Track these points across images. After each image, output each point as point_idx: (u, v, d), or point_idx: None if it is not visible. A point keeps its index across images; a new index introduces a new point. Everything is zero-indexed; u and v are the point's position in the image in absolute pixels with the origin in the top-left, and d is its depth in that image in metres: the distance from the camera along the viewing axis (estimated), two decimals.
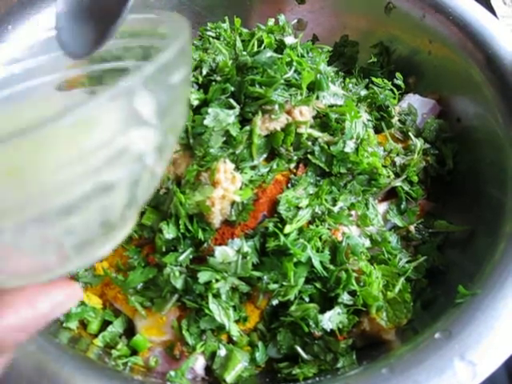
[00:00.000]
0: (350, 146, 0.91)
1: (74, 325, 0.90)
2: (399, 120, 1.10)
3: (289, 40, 1.07)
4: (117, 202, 0.41)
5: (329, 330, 0.84)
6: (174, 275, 0.85)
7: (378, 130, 1.08)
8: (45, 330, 0.83)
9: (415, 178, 1.01)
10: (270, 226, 0.86)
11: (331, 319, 0.84)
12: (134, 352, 0.89)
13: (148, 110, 0.38)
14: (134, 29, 0.57)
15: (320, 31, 1.37)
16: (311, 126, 0.93)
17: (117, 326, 0.91)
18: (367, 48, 1.31)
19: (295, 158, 0.92)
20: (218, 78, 0.93)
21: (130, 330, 0.92)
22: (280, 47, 1.06)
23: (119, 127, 0.37)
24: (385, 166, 1.00)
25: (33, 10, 1.15)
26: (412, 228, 1.00)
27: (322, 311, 0.85)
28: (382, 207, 1.01)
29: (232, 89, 0.91)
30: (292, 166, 0.93)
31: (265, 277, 0.85)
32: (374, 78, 1.15)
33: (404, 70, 1.20)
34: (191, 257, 0.87)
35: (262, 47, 1.05)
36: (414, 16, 1.19)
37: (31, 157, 0.33)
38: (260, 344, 0.88)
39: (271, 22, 1.18)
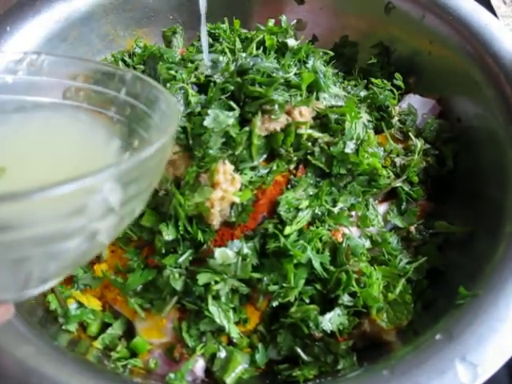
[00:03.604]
0: (350, 147, 0.91)
1: (73, 327, 0.90)
2: (399, 120, 1.09)
3: (291, 42, 1.06)
4: (59, 264, 0.45)
5: (329, 332, 0.84)
6: (174, 277, 0.85)
7: (377, 131, 1.07)
8: (44, 333, 0.83)
9: (415, 179, 1.01)
10: (270, 227, 0.86)
11: (331, 320, 0.84)
12: (134, 354, 0.88)
13: (115, 200, 0.42)
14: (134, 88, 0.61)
15: (319, 31, 1.37)
16: (311, 127, 0.92)
17: (116, 328, 0.91)
18: (367, 48, 1.30)
19: (295, 158, 0.92)
20: (218, 80, 0.93)
21: (129, 332, 0.92)
22: (281, 49, 1.06)
23: (84, 207, 0.40)
24: (385, 167, 1.00)
25: (32, 12, 1.15)
26: (412, 229, 0.99)
27: (323, 312, 0.85)
28: (382, 208, 1.00)
29: (231, 88, 0.91)
30: (292, 166, 0.93)
31: (265, 278, 0.85)
32: (373, 79, 1.15)
33: (404, 71, 1.19)
34: (191, 258, 0.87)
35: (261, 50, 1.05)
36: (413, 16, 1.19)
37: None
38: (260, 346, 0.88)
39: (271, 22, 1.18)
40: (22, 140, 0.57)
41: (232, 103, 0.90)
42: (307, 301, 0.86)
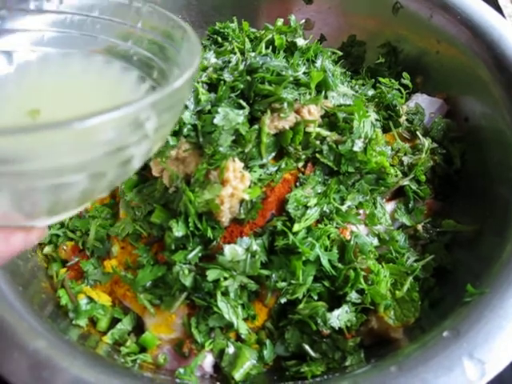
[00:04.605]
0: (358, 145, 0.91)
1: (83, 322, 0.91)
2: (407, 119, 1.10)
3: (300, 42, 1.07)
4: (97, 188, 0.50)
5: (337, 329, 0.85)
6: (183, 273, 0.85)
7: (385, 130, 1.08)
8: (55, 327, 0.84)
9: (423, 178, 1.02)
10: (279, 224, 0.87)
11: (339, 317, 0.85)
12: (143, 349, 0.89)
13: (150, 126, 0.46)
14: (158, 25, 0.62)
15: (327, 31, 1.37)
16: (319, 125, 0.93)
17: (126, 324, 0.92)
18: (374, 48, 1.31)
19: (303, 156, 0.92)
20: (228, 79, 0.94)
21: (138, 328, 0.93)
22: (290, 48, 1.06)
23: (123, 135, 0.44)
24: (393, 165, 1.00)
25: None
26: (420, 227, 1.00)
27: (331, 309, 0.86)
28: (390, 206, 1.01)
29: (241, 86, 0.91)
30: (300, 164, 0.93)
31: (273, 275, 0.85)
32: (380, 78, 1.15)
33: (411, 70, 1.20)
34: (200, 255, 0.87)
35: (270, 49, 1.05)
36: (421, 16, 1.19)
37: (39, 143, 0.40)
38: (268, 342, 0.88)
39: (280, 22, 1.19)
40: (45, 83, 0.59)
41: (242, 101, 0.91)
42: (315, 298, 0.86)
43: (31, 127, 0.37)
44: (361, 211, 0.95)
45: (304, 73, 0.95)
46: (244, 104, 0.90)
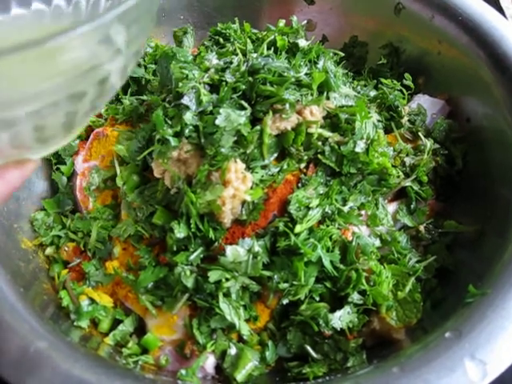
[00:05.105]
0: (360, 146, 0.91)
1: (85, 323, 0.91)
2: (409, 120, 1.10)
3: (302, 43, 1.07)
4: (80, 110, 0.52)
5: (339, 330, 0.85)
6: (185, 274, 0.85)
7: (387, 131, 1.08)
8: (56, 329, 0.84)
9: (425, 178, 1.02)
10: (281, 225, 0.87)
11: (341, 318, 0.85)
12: (145, 351, 0.89)
13: (120, 40, 0.48)
14: None
15: (329, 32, 1.37)
16: (321, 126, 0.93)
17: (127, 325, 0.92)
18: (376, 49, 1.31)
19: (305, 157, 0.92)
20: (230, 79, 0.93)
21: (140, 329, 0.93)
22: (292, 49, 1.06)
23: (95, 51, 0.46)
24: (394, 166, 1.00)
25: None
26: (421, 228, 1.00)
27: (332, 310, 0.86)
28: (392, 207, 1.01)
29: (243, 87, 0.91)
30: (302, 165, 0.93)
31: (275, 276, 0.85)
32: (382, 79, 1.15)
33: (413, 71, 1.20)
34: (202, 256, 0.87)
35: (272, 50, 1.05)
36: (423, 17, 1.19)
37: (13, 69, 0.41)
38: (270, 343, 0.88)
39: (282, 23, 1.19)
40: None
41: (243, 102, 0.91)
42: (317, 299, 0.86)
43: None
44: (363, 212, 0.95)
45: (306, 74, 0.95)
46: (246, 105, 0.90)
